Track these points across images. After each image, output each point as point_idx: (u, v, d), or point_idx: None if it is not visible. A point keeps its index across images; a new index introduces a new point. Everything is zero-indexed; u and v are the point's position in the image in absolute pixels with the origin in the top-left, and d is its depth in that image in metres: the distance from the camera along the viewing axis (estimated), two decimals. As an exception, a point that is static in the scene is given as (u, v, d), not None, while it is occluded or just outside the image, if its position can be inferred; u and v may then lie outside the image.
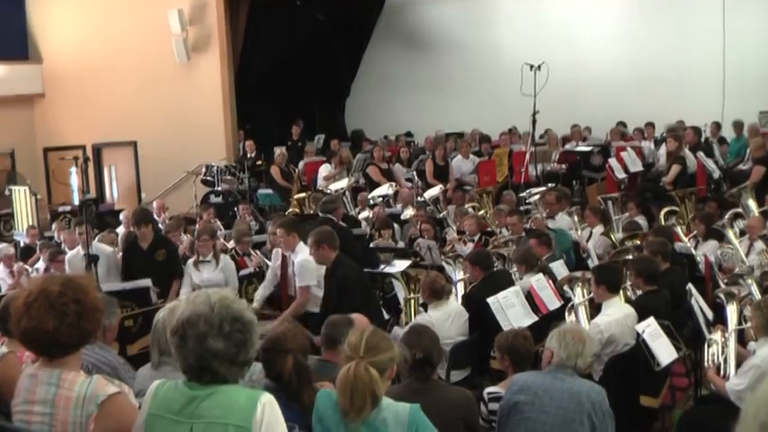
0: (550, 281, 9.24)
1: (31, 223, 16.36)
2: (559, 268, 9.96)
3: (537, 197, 14.17)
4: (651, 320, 7.33)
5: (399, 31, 25.13)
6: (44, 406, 3.80)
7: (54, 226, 15.08)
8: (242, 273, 11.19)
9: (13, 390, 3.97)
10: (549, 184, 15.69)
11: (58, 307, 3.75)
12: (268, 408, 3.48)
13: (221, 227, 14.21)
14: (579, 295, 8.58)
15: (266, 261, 11.58)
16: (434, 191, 15.75)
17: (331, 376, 4.96)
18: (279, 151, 19.18)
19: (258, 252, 12.10)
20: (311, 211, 14.89)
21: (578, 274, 8.99)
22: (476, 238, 12.41)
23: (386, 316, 9.65)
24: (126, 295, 9.56)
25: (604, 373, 7.46)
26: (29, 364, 4.08)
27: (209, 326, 3.48)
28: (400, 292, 10.00)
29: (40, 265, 12.21)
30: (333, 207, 11.24)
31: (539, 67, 16.12)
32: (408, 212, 14.59)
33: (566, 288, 8.82)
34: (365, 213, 14.69)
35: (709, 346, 7.55)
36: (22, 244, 14.92)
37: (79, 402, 3.74)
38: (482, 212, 14.27)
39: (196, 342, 3.47)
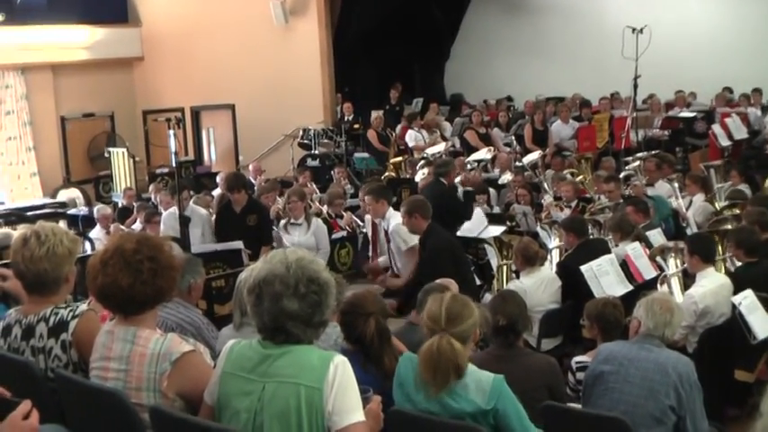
0: (647, 249, 9.01)
1: (128, 185, 16.59)
2: (657, 236, 9.70)
3: (637, 164, 13.87)
4: (749, 292, 7.10)
5: (500, -7, 24.85)
6: (119, 362, 3.84)
7: (151, 187, 15.29)
8: (334, 236, 11.16)
9: (91, 346, 4.01)
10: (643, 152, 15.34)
11: (132, 264, 3.78)
12: (341, 369, 3.44)
13: (317, 190, 14.21)
14: (672, 266, 8.34)
15: (358, 221, 11.55)
16: (533, 156, 15.50)
17: (416, 339, 4.93)
18: (375, 115, 19.06)
19: (350, 213, 12.07)
20: (408, 176, 14.83)
21: (671, 244, 8.72)
22: (573, 204, 12.19)
23: (479, 282, 9.56)
24: (218, 256, 9.63)
25: (698, 345, 7.25)
26: (107, 321, 4.10)
27: (285, 286, 3.47)
28: (493, 258, 9.86)
29: (137, 226, 12.34)
30: (445, 170, 11.11)
31: (641, 30, 15.75)
32: (506, 177, 14.42)
33: (658, 259, 8.60)
34: (460, 177, 14.56)
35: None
36: (119, 205, 15.13)
37: (153, 359, 3.77)
38: (580, 178, 14.03)
39: (271, 302, 3.47)
